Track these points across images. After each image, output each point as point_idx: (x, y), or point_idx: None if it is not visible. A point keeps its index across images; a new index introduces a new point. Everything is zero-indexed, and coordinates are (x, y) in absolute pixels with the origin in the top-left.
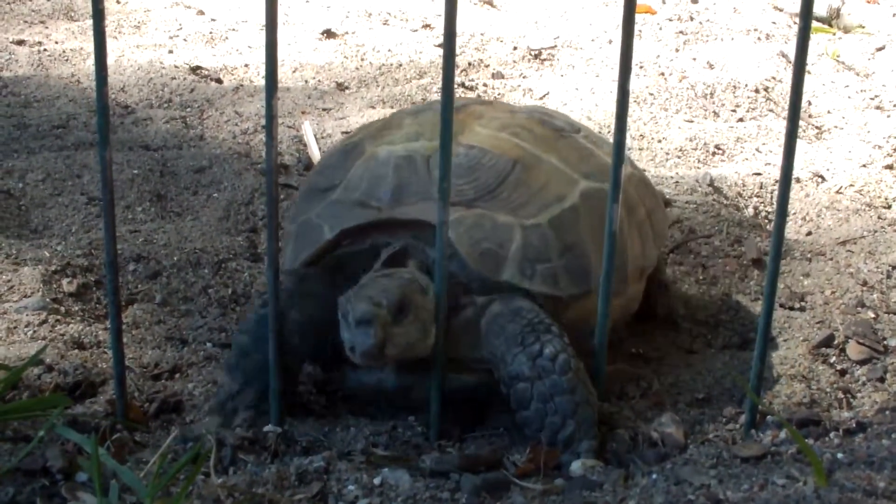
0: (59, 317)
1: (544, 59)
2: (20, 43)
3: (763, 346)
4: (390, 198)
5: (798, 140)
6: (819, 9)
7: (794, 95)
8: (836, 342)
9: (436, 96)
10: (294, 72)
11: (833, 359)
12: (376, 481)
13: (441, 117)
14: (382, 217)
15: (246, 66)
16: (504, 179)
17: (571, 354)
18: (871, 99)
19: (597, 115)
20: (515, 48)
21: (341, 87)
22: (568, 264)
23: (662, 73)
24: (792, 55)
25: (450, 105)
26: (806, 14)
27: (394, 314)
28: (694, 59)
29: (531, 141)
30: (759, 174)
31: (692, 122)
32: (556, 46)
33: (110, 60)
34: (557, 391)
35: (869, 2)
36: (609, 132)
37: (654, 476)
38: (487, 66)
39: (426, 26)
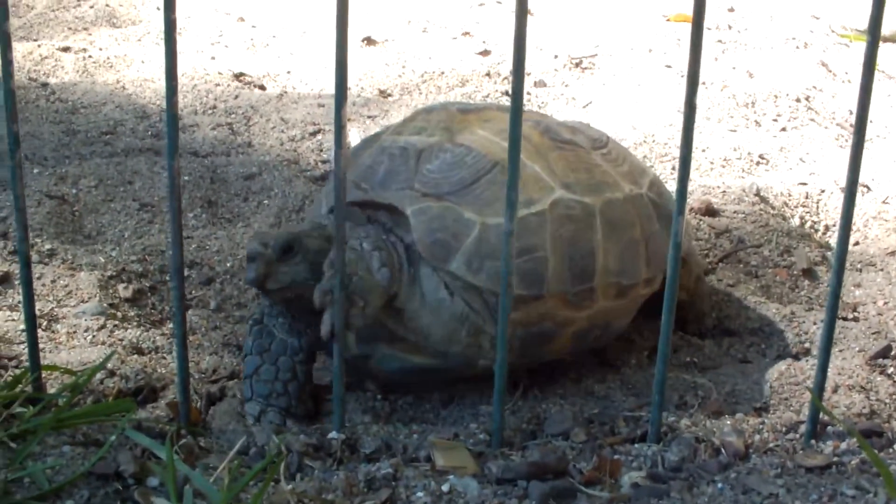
0: (116, 322)
1: (585, 68)
2: (65, 50)
3: (825, 356)
4: (378, 182)
5: (841, 150)
6: (858, 19)
7: (861, 110)
8: (893, 353)
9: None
10: None
11: (891, 369)
12: (444, 488)
13: (510, 136)
14: (366, 198)
15: (288, 72)
16: (480, 178)
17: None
18: None
19: (641, 124)
20: (556, 56)
21: (384, 94)
22: (521, 266)
23: (703, 82)
24: (832, 64)
25: (518, 122)
26: (874, 28)
27: (279, 254)
28: (734, 67)
29: (523, 148)
30: (804, 184)
31: (735, 131)
32: (596, 55)
33: (153, 67)
34: None
35: None
36: (654, 140)
37: (720, 485)
38: (529, 73)
39: (465, 34)
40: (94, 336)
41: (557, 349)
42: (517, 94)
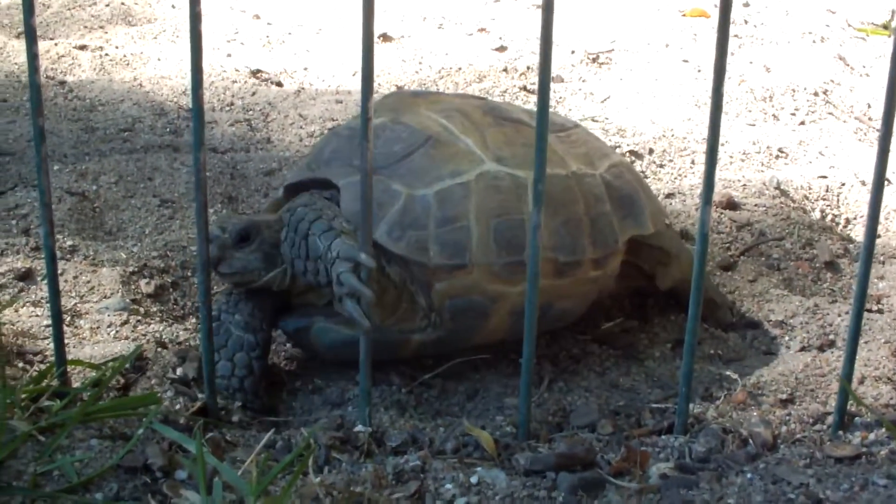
0: (139, 317)
1: (602, 63)
2: (82, 48)
3: (853, 346)
4: (324, 162)
5: (860, 143)
6: (875, 13)
7: (889, 102)
8: None
9: (497, 99)
10: (354, 75)
11: None
12: (473, 480)
13: (537, 131)
14: (310, 176)
15: (305, 69)
16: (413, 152)
17: None
18: None
19: (660, 119)
20: (573, 52)
21: (401, 90)
22: (443, 235)
23: None
24: (849, 58)
25: (545, 117)
26: None
27: (234, 240)
28: (751, 62)
29: (460, 124)
30: (824, 177)
31: (753, 125)
32: (612, 50)
33: (170, 65)
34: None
35: None
36: (673, 135)
37: (749, 475)
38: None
39: (481, 30)
40: (117, 331)
41: (496, 326)
42: (543, 87)
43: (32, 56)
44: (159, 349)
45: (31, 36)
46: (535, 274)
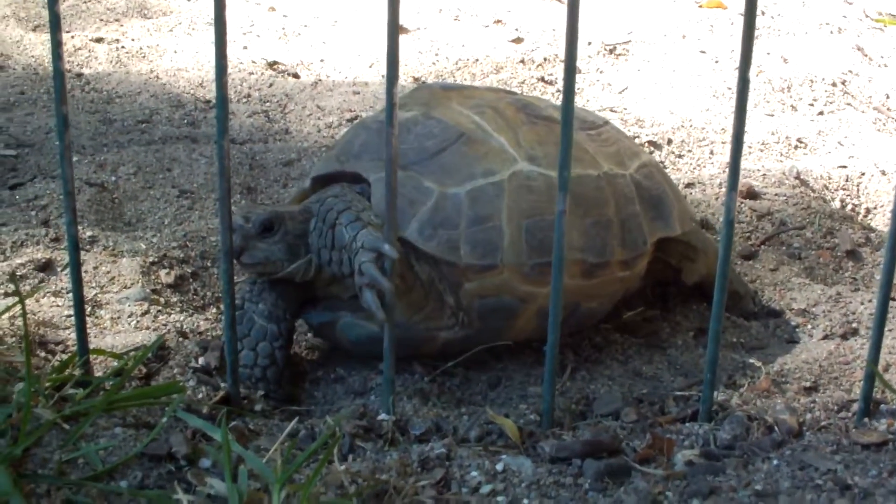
0: (159, 307)
1: (619, 54)
2: (98, 41)
3: (879, 332)
4: (354, 155)
5: (879, 133)
6: (891, 4)
7: None
8: None
9: (515, 90)
10: (370, 66)
11: None
12: (498, 467)
13: (562, 120)
14: (339, 169)
15: (322, 60)
16: (445, 149)
17: None
18: None
19: (678, 110)
20: (590, 43)
21: (419, 81)
22: (475, 235)
23: (738, 68)
24: (867, 48)
25: (570, 107)
26: None
27: (258, 230)
28: (768, 53)
29: (493, 122)
30: (844, 167)
31: (772, 115)
32: (629, 41)
33: (186, 57)
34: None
35: None
36: (691, 125)
37: (776, 462)
38: (563, 60)
39: (497, 21)
40: (137, 321)
41: (522, 326)
42: (569, 72)
43: (56, 43)
44: (180, 339)
45: (55, 24)
46: (560, 262)
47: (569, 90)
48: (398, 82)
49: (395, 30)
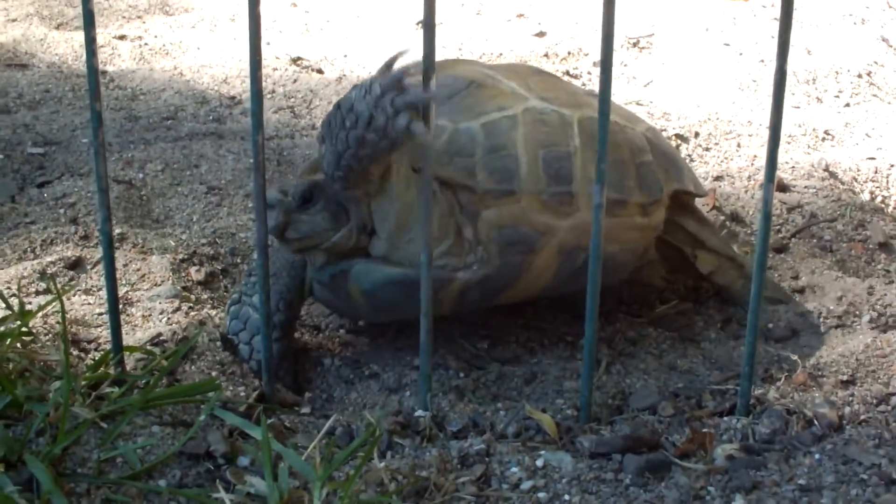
0: (190, 304)
1: (643, 47)
2: (121, 38)
3: None
4: None
5: None
6: None
7: None
8: None
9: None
10: None
11: None
12: (538, 463)
13: (599, 110)
14: None
15: (345, 56)
16: (456, 94)
17: None
18: None
19: (704, 103)
20: None
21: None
22: (491, 162)
23: (762, 60)
24: (892, 39)
25: (607, 95)
26: None
27: (298, 202)
28: (792, 44)
29: (503, 72)
30: (872, 159)
31: (798, 107)
32: (653, 34)
33: (209, 53)
34: None
35: None
36: (718, 118)
37: (818, 456)
38: (587, 54)
39: (520, 16)
40: (168, 318)
41: (543, 266)
42: (606, 61)
43: (91, 40)
44: (207, 335)
45: (89, 20)
46: (598, 250)
47: (605, 85)
48: (432, 76)
49: (430, 27)
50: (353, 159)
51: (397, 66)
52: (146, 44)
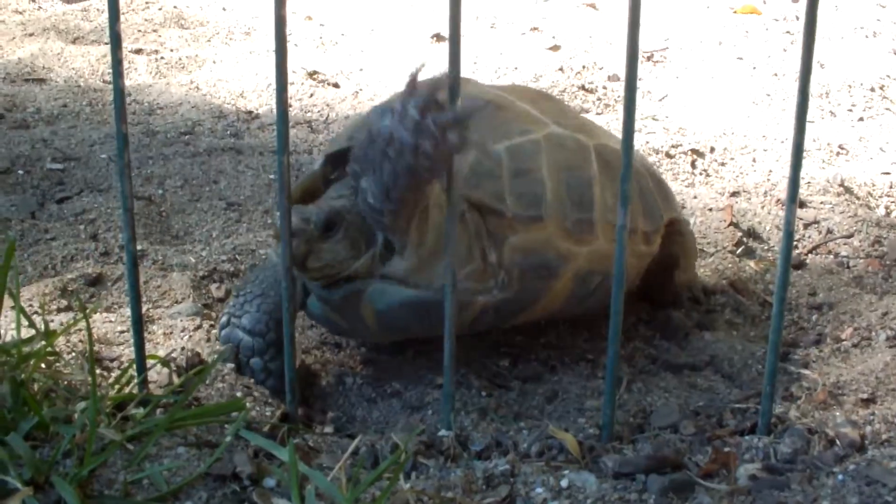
0: (211, 322)
1: (657, 61)
2: (138, 52)
3: None
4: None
5: None
6: None
7: None
8: None
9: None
10: None
11: None
12: (563, 483)
13: (623, 130)
14: (348, 145)
15: (361, 70)
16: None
17: None
18: None
19: (719, 117)
20: None
21: None
22: (519, 187)
23: (775, 74)
24: None
25: (631, 113)
26: None
27: (321, 230)
28: None
29: (515, 95)
30: (887, 173)
31: (812, 122)
32: (667, 48)
33: (225, 67)
34: None
35: None
36: (733, 133)
37: (841, 477)
38: (601, 68)
39: (534, 29)
40: (190, 336)
41: (559, 291)
42: (631, 79)
43: (118, 61)
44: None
45: (115, 42)
46: (621, 276)
47: (630, 102)
48: (459, 86)
49: (456, 38)
50: (405, 189)
51: (419, 82)
52: (162, 58)
